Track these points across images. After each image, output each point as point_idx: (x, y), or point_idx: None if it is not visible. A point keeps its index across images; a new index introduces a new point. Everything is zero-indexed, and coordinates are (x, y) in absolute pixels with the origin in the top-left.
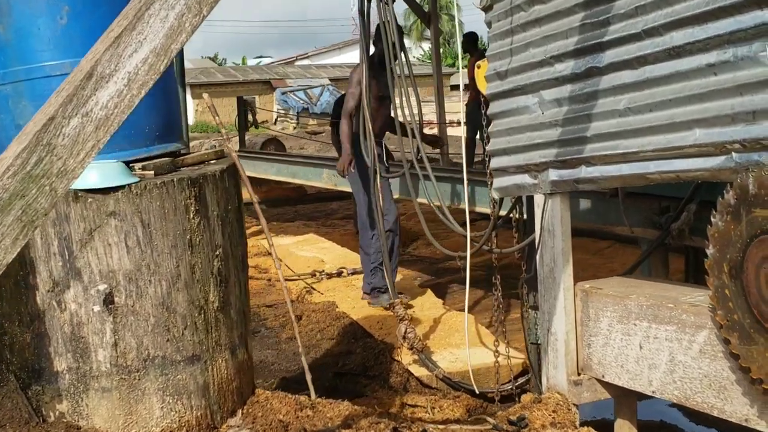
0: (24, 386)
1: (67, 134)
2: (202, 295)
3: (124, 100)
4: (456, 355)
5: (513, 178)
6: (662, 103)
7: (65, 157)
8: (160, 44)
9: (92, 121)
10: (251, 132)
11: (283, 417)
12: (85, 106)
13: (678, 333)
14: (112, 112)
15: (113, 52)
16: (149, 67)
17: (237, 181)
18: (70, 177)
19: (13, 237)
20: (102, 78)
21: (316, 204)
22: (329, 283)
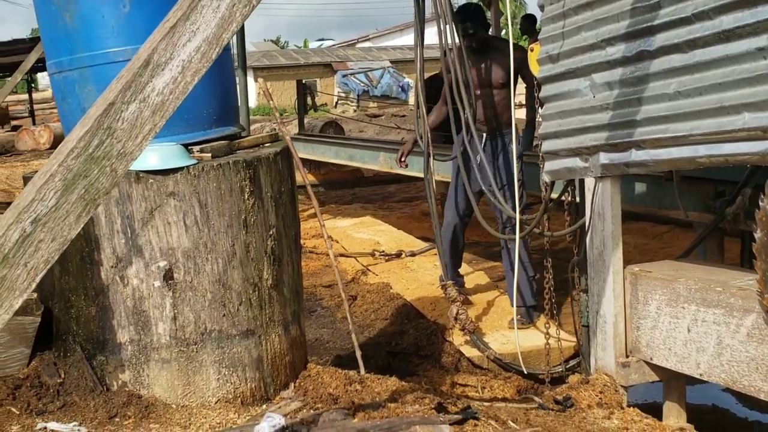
0: (89, 356)
1: (126, 119)
2: (256, 273)
3: (178, 86)
4: (507, 337)
5: (564, 162)
6: (711, 86)
7: (124, 140)
8: (212, 33)
9: (149, 106)
10: (311, 115)
11: (333, 390)
12: (143, 92)
13: (726, 316)
14: (168, 98)
15: (168, 41)
16: (202, 56)
17: (290, 163)
18: (129, 158)
19: (77, 214)
20: (158, 66)
21: (374, 187)
22: (385, 265)
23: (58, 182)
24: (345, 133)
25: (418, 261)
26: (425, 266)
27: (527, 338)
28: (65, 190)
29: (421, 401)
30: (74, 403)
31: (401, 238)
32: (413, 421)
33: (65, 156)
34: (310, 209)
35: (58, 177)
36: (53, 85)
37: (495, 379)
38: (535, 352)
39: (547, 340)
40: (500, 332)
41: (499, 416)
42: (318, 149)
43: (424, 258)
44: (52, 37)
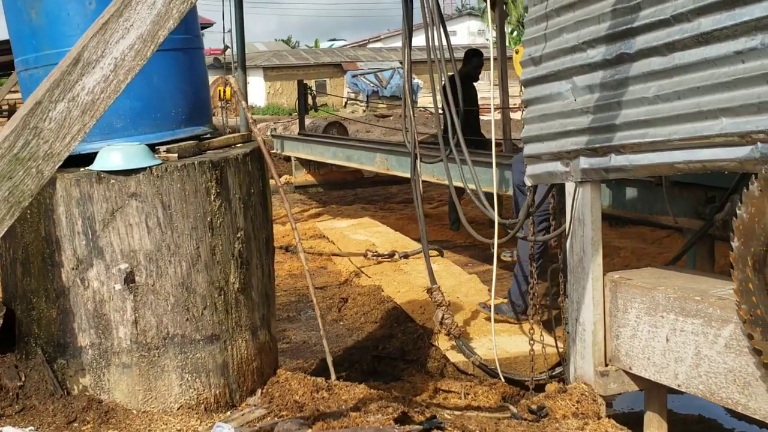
0: (50, 360)
1: (54, 118)
2: (222, 276)
3: (110, 85)
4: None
5: (546, 166)
6: (690, 90)
7: (51, 140)
8: (146, 30)
9: (78, 105)
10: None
11: (299, 398)
12: (72, 91)
13: (704, 326)
14: (99, 97)
15: (100, 39)
16: (136, 53)
17: (262, 164)
18: (56, 159)
19: (1, 216)
20: (89, 64)
21: (375, 187)
22: (378, 267)
23: None
24: (349, 134)
25: (411, 263)
26: (418, 268)
27: (514, 344)
28: None
29: (384, 410)
30: (33, 407)
31: (397, 239)
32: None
33: None
34: (311, 209)
35: None
36: (20, 83)
37: (480, 386)
38: (522, 358)
39: (531, 346)
40: (487, 337)
41: (468, 426)
42: (317, 149)
43: (418, 260)
44: (18, 34)
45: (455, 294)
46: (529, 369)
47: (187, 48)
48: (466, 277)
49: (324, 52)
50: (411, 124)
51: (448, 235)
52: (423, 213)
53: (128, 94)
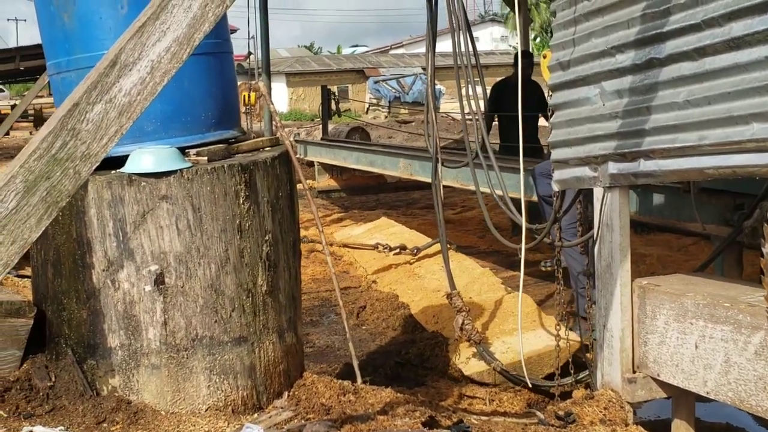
0: (80, 360)
1: (91, 119)
2: (250, 278)
3: (146, 87)
4: (507, 344)
5: (573, 171)
6: (720, 96)
7: (89, 142)
8: (182, 33)
9: (115, 107)
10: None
11: (326, 401)
12: (109, 93)
13: (734, 333)
14: (135, 99)
15: (137, 41)
16: (172, 56)
17: (290, 168)
18: (94, 160)
19: (38, 217)
20: (125, 66)
21: (398, 193)
22: (393, 273)
23: (19, 184)
24: (371, 139)
25: (425, 265)
26: (432, 269)
27: (527, 343)
28: (26, 192)
29: (412, 414)
30: (63, 407)
31: (412, 238)
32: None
33: (27, 157)
34: (333, 214)
35: (20, 179)
36: (52, 86)
37: (504, 392)
38: (535, 358)
39: (557, 353)
40: (501, 339)
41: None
42: (340, 155)
43: (432, 260)
44: (51, 38)
45: (468, 293)
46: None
47: (217, 52)
48: (479, 271)
49: (346, 58)
50: (434, 129)
51: (471, 240)
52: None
53: (159, 98)
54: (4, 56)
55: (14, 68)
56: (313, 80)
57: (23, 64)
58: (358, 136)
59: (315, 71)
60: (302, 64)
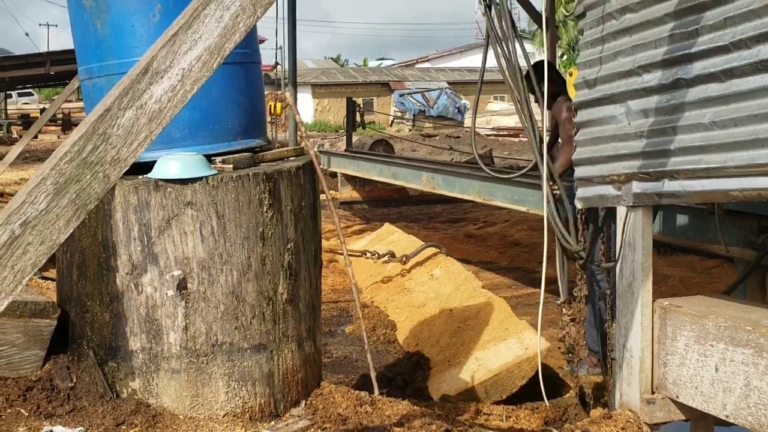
0: (101, 362)
1: (122, 125)
2: (271, 286)
3: (177, 94)
4: (480, 361)
5: (597, 189)
6: (747, 118)
7: (119, 146)
8: (214, 43)
9: (146, 113)
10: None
11: (343, 411)
12: (140, 100)
13: (755, 357)
14: (166, 106)
15: (169, 50)
16: (203, 65)
17: (313, 178)
18: (123, 165)
19: (67, 218)
20: (157, 73)
21: (420, 206)
22: (383, 290)
23: (50, 186)
24: (395, 152)
25: (416, 276)
26: (422, 280)
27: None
28: (56, 194)
29: (428, 427)
30: (83, 408)
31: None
32: None
33: (58, 160)
34: (354, 226)
35: (50, 180)
36: (83, 91)
37: (521, 409)
38: (504, 374)
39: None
40: (474, 355)
41: None
42: (363, 166)
43: (423, 270)
44: (83, 44)
45: (451, 302)
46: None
47: (246, 62)
48: (462, 277)
49: (372, 71)
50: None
51: (492, 255)
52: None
53: (188, 106)
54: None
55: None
56: (338, 92)
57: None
58: (381, 149)
59: (341, 83)
60: (328, 75)
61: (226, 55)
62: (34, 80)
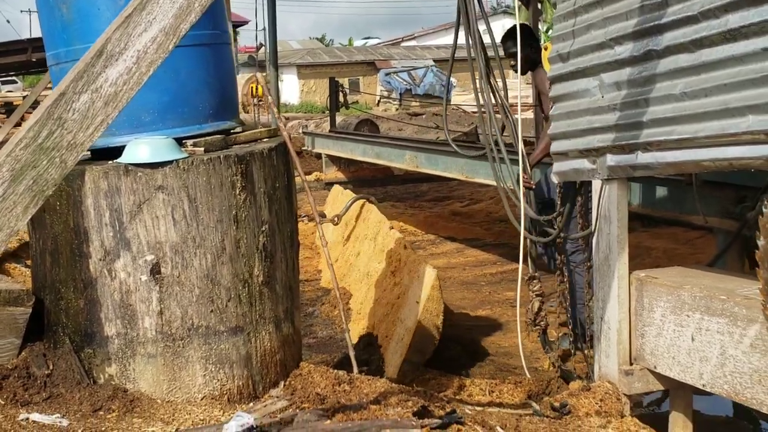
0: (77, 349)
1: (77, 109)
2: (246, 269)
3: (133, 77)
4: (403, 323)
5: (572, 163)
6: (717, 88)
7: (75, 131)
8: (169, 24)
9: (101, 97)
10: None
11: (321, 390)
12: (95, 83)
13: (729, 326)
14: (121, 89)
15: (123, 32)
16: (158, 46)
17: (287, 159)
18: (80, 149)
19: (25, 205)
20: (112, 56)
21: (406, 185)
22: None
23: (6, 173)
24: (380, 131)
25: (358, 241)
26: (363, 248)
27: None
28: (13, 181)
29: (404, 404)
30: (60, 395)
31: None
32: (384, 425)
33: (14, 146)
34: None
35: (6, 167)
36: (51, 77)
37: (504, 384)
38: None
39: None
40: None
41: (488, 422)
42: (347, 147)
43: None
44: (49, 29)
45: (378, 266)
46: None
47: (214, 43)
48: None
49: (357, 50)
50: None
51: (478, 233)
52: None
53: (156, 88)
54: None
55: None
56: (324, 72)
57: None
58: (366, 129)
59: (326, 63)
60: (313, 56)
61: (182, 36)
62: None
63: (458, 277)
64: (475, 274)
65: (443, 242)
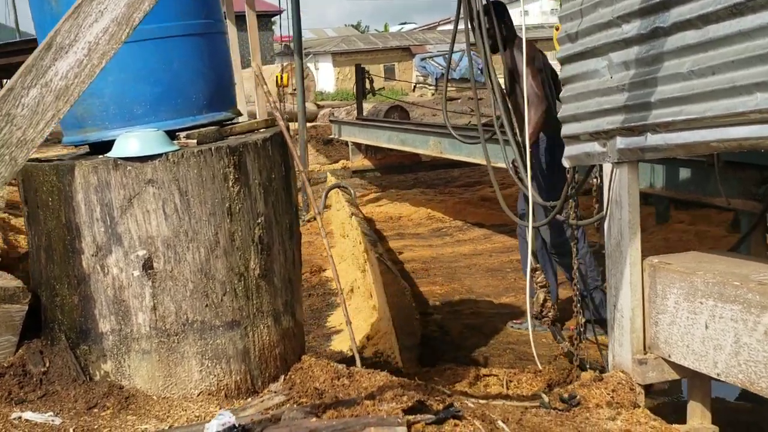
0: (73, 345)
1: (27, 104)
2: (242, 262)
3: (84, 69)
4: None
5: (583, 146)
6: (724, 65)
7: (24, 127)
8: (121, 14)
9: (52, 91)
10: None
11: (320, 385)
12: (45, 77)
13: (743, 313)
14: (72, 82)
15: (73, 23)
16: (110, 37)
17: (284, 150)
18: (30, 146)
19: None
20: (61, 48)
21: (437, 171)
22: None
23: None
24: (410, 118)
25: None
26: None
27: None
28: None
29: (399, 399)
30: (56, 393)
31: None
32: (369, 422)
33: None
34: (370, 194)
35: None
36: None
37: (523, 373)
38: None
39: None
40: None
41: (489, 415)
42: (372, 134)
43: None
44: (40, 22)
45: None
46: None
47: (208, 32)
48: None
49: (392, 36)
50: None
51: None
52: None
53: (148, 80)
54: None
55: None
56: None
57: None
58: (396, 115)
59: (361, 50)
60: (348, 43)
61: (135, 26)
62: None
63: (484, 264)
64: (501, 261)
65: (471, 228)
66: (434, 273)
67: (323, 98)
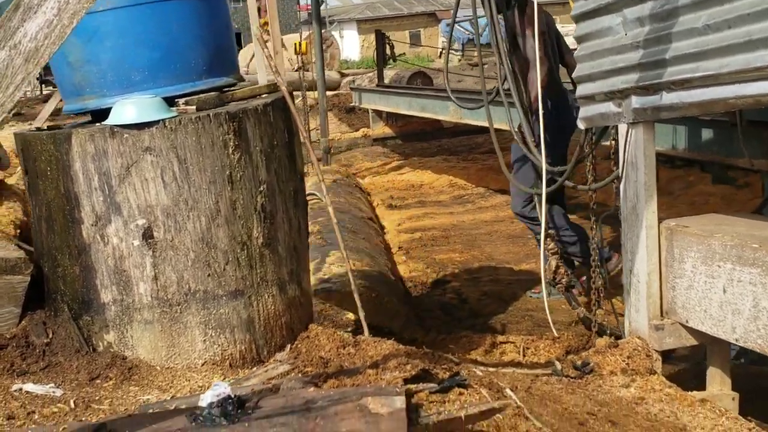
0: (76, 316)
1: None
2: (244, 231)
3: (54, 30)
4: None
5: (598, 107)
6: (740, 18)
7: None
8: None
9: (21, 53)
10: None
11: (325, 353)
12: (13, 38)
13: (762, 276)
14: (42, 44)
15: None
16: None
17: (287, 115)
18: (1, 111)
19: None
20: (30, 8)
21: (460, 137)
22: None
23: None
24: (433, 84)
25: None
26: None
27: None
28: None
29: (402, 368)
30: (58, 364)
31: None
32: (367, 392)
33: None
34: (392, 162)
35: None
36: None
37: (541, 339)
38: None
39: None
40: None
41: (497, 383)
42: (392, 101)
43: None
44: None
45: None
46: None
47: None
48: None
49: (417, 2)
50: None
51: None
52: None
53: (146, 45)
54: None
55: None
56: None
57: None
58: (419, 81)
59: (386, 17)
60: (373, 10)
61: None
62: None
63: (505, 231)
64: (522, 227)
65: (493, 195)
66: (454, 240)
67: (348, 67)
